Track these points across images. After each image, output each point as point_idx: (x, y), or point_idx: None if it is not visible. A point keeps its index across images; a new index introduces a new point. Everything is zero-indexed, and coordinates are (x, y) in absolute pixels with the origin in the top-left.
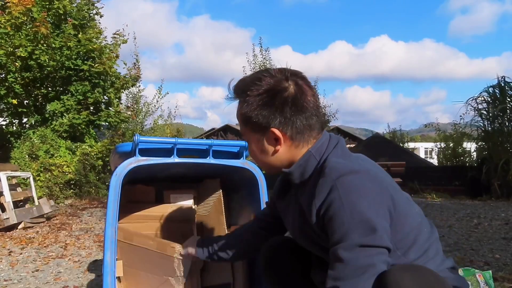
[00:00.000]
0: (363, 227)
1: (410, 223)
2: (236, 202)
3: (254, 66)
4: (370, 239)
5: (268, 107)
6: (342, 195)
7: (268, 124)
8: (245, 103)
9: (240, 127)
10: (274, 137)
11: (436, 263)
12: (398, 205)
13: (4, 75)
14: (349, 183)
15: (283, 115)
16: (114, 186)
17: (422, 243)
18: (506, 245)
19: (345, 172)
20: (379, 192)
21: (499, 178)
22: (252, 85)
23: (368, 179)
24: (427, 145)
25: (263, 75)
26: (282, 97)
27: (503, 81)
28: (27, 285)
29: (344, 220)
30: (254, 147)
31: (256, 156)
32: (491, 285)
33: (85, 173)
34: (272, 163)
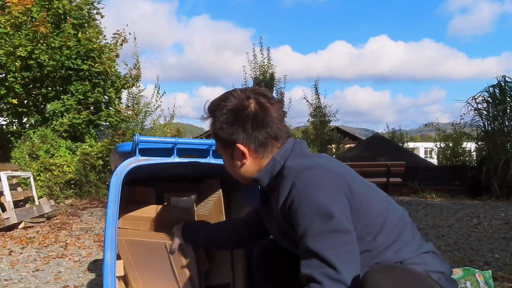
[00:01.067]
0: (322, 215)
1: (374, 209)
2: (236, 202)
3: (254, 66)
4: (330, 225)
5: (232, 125)
6: (300, 190)
7: (234, 140)
8: (214, 122)
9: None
10: (241, 152)
11: (413, 247)
12: (357, 192)
13: (4, 75)
14: (305, 178)
15: (245, 131)
16: (114, 186)
17: (393, 227)
18: (506, 245)
19: (301, 169)
20: (334, 181)
21: (499, 178)
22: (219, 105)
23: (322, 171)
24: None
25: (228, 96)
26: (243, 115)
27: (503, 80)
28: (28, 284)
29: (305, 212)
30: (226, 161)
31: (229, 169)
32: (491, 284)
33: (85, 173)
34: (242, 174)
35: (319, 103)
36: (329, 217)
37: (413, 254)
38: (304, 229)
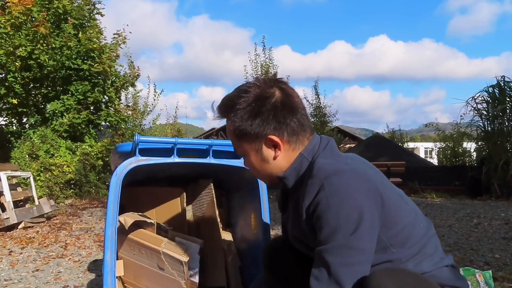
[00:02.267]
0: (346, 228)
1: (403, 220)
2: (236, 202)
3: (255, 66)
4: (352, 240)
5: (260, 115)
6: (329, 196)
7: (264, 132)
8: (236, 117)
9: (233, 144)
10: (273, 144)
11: (434, 260)
12: (388, 201)
13: (4, 75)
14: (335, 184)
15: (276, 119)
16: (114, 186)
17: (418, 239)
18: (506, 245)
19: (332, 173)
20: (366, 190)
21: (499, 178)
22: (239, 98)
23: (354, 177)
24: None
25: (245, 88)
26: (271, 102)
27: (502, 80)
28: (27, 284)
29: (329, 221)
30: (253, 158)
31: (256, 168)
32: (491, 285)
33: (85, 173)
34: (273, 171)
35: (319, 103)
36: (352, 231)
37: (433, 267)
38: (324, 238)
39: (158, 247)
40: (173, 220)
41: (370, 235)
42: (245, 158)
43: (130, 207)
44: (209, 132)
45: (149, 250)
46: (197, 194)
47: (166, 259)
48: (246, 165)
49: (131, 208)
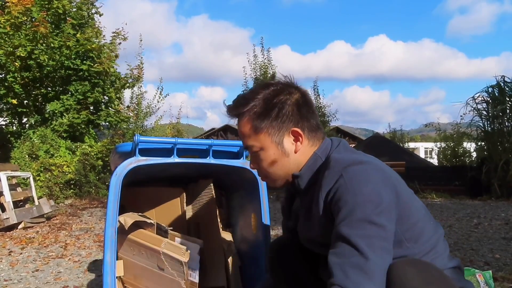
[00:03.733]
0: (365, 205)
1: (416, 214)
2: (236, 202)
3: (254, 67)
4: (371, 215)
5: (283, 108)
6: (348, 181)
7: (288, 124)
8: (255, 110)
9: (248, 140)
10: (295, 136)
11: (444, 260)
12: (402, 195)
13: (4, 75)
14: (354, 172)
15: (299, 113)
16: (114, 186)
17: (430, 236)
18: (506, 245)
19: (350, 163)
20: (383, 180)
21: (499, 178)
22: (258, 94)
23: (372, 168)
24: (427, 145)
25: (267, 83)
26: (293, 97)
27: (502, 80)
28: (27, 285)
29: (348, 200)
30: (273, 152)
31: (274, 164)
32: (491, 285)
33: (85, 173)
34: (291, 166)
35: (319, 103)
36: (372, 208)
37: (444, 267)
38: (342, 217)
39: (158, 247)
40: (173, 220)
41: (389, 216)
42: (260, 154)
43: (130, 207)
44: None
45: (149, 251)
46: (197, 194)
47: (166, 259)
48: (260, 162)
49: (131, 208)
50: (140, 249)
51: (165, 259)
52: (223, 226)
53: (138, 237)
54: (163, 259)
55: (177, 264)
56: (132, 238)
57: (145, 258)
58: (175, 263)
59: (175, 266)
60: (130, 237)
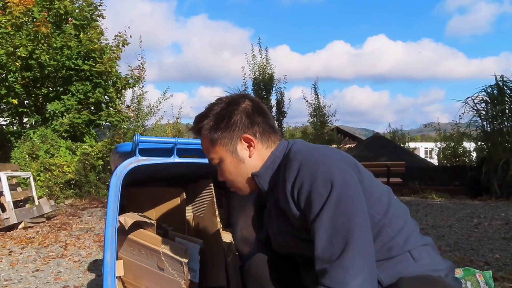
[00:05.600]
0: (337, 192)
1: (379, 189)
2: (236, 202)
3: (253, 67)
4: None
5: (232, 117)
6: (311, 169)
7: (238, 132)
8: (209, 124)
9: (208, 154)
10: (247, 142)
11: (418, 237)
12: (363, 171)
13: (5, 75)
14: (314, 158)
15: (248, 120)
16: (114, 186)
17: (398, 211)
18: (506, 245)
19: (308, 151)
20: (343, 158)
21: (499, 178)
22: (211, 109)
23: (329, 150)
24: (427, 145)
25: (218, 99)
26: (241, 106)
27: (501, 80)
28: (27, 285)
29: (320, 191)
30: (229, 161)
31: (232, 172)
32: (491, 285)
33: (85, 173)
34: (248, 171)
35: (319, 103)
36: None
37: (417, 243)
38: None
39: (158, 247)
40: (173, 220)
41: (359, 196)
42: (221, 165)
43: (130, 207)
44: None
45: (149, 250)
46: (197, 194)
47: (166, 259)
48: (223, 173)
49: (131, 208)
50: (140, 249)
51: (165, 259)
52: (223, 226)
53: (138, 237)
54: (163, 259)
55: (177, 264)
56: (132, 238)
57: (145, 258)
58: (175, 263)
59: (175, 266)
60: (130, 237)
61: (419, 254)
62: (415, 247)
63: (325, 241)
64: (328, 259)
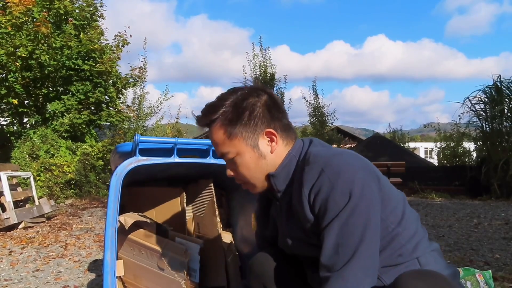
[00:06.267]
0: (355, 204)
1: (395, 197)
2: (236, 202)
3: (254, 66)
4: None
5: (254, 110)
6: (331, 177)
7: (261, 126)
8: (225, 116)
9: (222, 147)
10: (269, 137)
11: (426, 243)
12: (382, 178)
13: (5, 75)
14: (335, 164)
15: (270, 114)
16: (115, 186)
17: (411, 219)
18: (506, 245)
19: (330, 156)
20: (365, 167)
21: (499, 178)
22: (225, 99)
23: (352, 157)
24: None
25: (234, 89)
26: (263, 99)
27: (499, 80)
28: (28, 284)
29: (336, 198)
30: (249, 156)
31: (251, 168)
32: (491, 285)
33: (86, 173)
34: (268, 168)
35: (318, 103)
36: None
37: (426, 250)
38: (330, 218)
39: (158, 247)
40: (173, 220)
41: (375, 209)
42: (236, 160)
43: (130, 207)
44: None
45: (149, 250)
46: (197, 194)
47: (166, 259)
48: (238, 168)
49: (131, 208)
50: (140, 249)
51: (165, 259)
52: (223, 226)
53: (138, 237)
54: (163, 259)
55: (177, 264)
56: (132, 238)
57: (145, 258)
58: (175, 263)
59: (175, 266)
60: (130, 237)
61: (425, 260)
62: (423, 253)
63: (331, 250)
64: (331, 267)
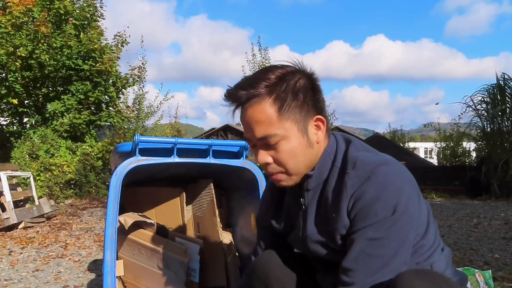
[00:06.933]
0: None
1: (424, 208)
2: (236, 202)
3: (253, 66)
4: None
5: (306, 91)
6: (377, 187)
7: (312, 111)
8: (279, 93)
9: (267, 128)
10: (317, 125)
11: (440, 246)
12: (420, 193)
13: (5, 75)
14: (383, 174)
15: (320, 98)
16: (114, 186)
17: (433, 230)
18: (506, 245)
19: (378, 164)
20: (411, 180)
21: (499, 178)
22: (272, 72)
23: (399, 168)
24: (427, 145)
25: (280, 65)
26: (312, 81)
27: (502, 79)
28: (28, 284)
29: (379, 211)
30: (298, 143)
31: (297, 157)
32: (491, 285)
33: (85, 173)
34: (313, 159)
35: None
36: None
37: (439, 257)
38: (366, 225)
39: (158, 247)
40: (173, 220)
41: (413, 226)
42: (282, 145)
43: (130, 207)
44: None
45: (149, 250)
46: (197, 194)
47: (166, 259)
48: (280, 155)
49: (131, 208)
50: (140, 249)
51: (165, 259)
52: (223, 226)
53: (138, 237)
54: (163, 259)
55: (177, 264)
56: (132, 238)
57: (145, 258)
58: (175, 263)
59: (175, 266)
60: (130, 237)
61: (438, 266)
62: (437, 259)
63: (358, 256)
64: (354, 274)
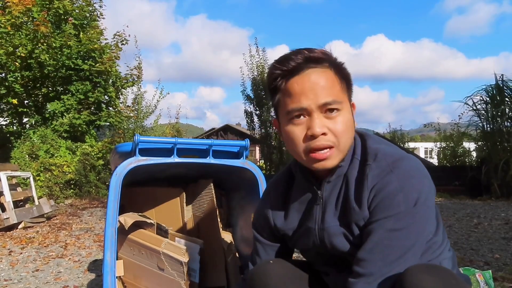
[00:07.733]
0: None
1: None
2: (236, 202)
3: (251, 67)
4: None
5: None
6: (400, 179)
7: (351, 94)
8: (341, 67)
9: (332, 93)
10: (353, 109)
11: (448, 246)
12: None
13: (4, 75)
14: (405, 167)
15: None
16: (114, 186)
17: (442, 228)
18: (506, 245)
19: (399, 157)
20: (428, 176)
21: (499, 178)
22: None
23: (419, 164)
24: (427, 145)
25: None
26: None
27: (501, 80)
28: (27, 285)
29: (400, 203)
30: (348, 119)
31: (347, 131)
32: (491, 285)
33: (85, 173)
34: (352, 141)
35: None
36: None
37: (446, 256)
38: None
39: (158, 247)
40: (173, 220)
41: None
42: (338, 116)
43: (130, 207)
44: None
45: (149, 251)
46: (197, 194)
47: (166, 259)
48: (337, 126)
49: (131, 208)
50: (140, 249)
51: (165, 259)
52: (223, 226)
53: (138, 237)
54: (163, 259)
55: (177, 264)
56: (132, 238)
57: (145, 258)
58: (175, 263)
59: (175, 266)
60: (130, 237)
61: (446, 265)
62: (446, 258)
63: (376, 246)
64: (367, 264)
